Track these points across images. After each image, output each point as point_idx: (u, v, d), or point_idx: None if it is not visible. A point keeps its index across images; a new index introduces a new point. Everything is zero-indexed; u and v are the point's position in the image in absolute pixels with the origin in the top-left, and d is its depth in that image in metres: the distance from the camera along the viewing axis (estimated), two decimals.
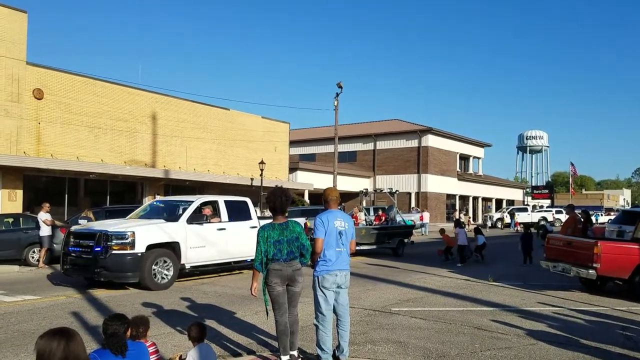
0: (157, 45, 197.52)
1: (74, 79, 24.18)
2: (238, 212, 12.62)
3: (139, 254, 10.25)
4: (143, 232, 10.47)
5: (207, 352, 4.52)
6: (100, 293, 10.20)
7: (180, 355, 4.65)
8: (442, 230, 17.94)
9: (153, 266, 10.42)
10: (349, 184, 42.63)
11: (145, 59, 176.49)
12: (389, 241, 18.58)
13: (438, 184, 47.13)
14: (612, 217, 26.73)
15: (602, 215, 51.40)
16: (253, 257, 11.84)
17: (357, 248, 14.07)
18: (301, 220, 17.78)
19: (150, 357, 4.01)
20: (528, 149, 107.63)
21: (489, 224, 43.11)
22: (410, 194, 46.52)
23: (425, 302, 9.54)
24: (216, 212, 12.21)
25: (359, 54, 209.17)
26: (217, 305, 9.00)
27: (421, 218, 33.24)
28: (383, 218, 21.60)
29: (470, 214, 50.81)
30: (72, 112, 23.89)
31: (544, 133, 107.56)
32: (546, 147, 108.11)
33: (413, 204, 44.60)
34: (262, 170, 30.04)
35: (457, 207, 49.39)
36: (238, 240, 12.21)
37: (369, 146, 49.15)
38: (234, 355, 6.02)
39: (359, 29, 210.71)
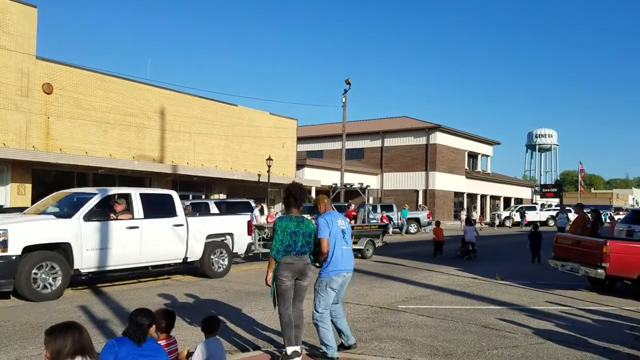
0: (166, 42, 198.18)
1: (83, 74, 24.31)
2: (159, 208, 10.93)
3: (14, 257, 8.53)
4: (19, 231, 8.70)
5: (215, 346, 4.49)
6: (107, 287, 10.27)
7: (188, 350, 4.67)
8: (437, 222, 18.63)
9: (34, 272, 8.72)
10: (356, 181, 42.42)
11: (155, 55, 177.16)
12: (355, 242, 16.02)
13: (446, 182, 46.95)
14: (621, 217, 26.54)
15: (610, 214, 51.02)
16: (178, 260, 11.46)
17: None
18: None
19: (170, 353, 4.05)
20: (537, 147, 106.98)
21: (497, 222, 42.99)
22: (417, 191, 46.41)
23: (432, 300, 9.52)
24: (129, 208, 10.46)
25: (368, 52, 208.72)
26: (225, 301, 9.03)
27: (429, 216, 33.13)
28: (352, 215, 19.98)
29: (479, 212, 50.64)
30: (81, 107, 24.01)
31: (553, 131, 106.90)
32: (555, 146, 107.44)
33: (420, 202, 44.51)
34: (269, 166, 30.05)
35: (465, 206, 49.23)
36: (157, 240, 10.55)
37: (377, 143, 49.02)
38: (242, 350, 6.03)
39: (368, 27, 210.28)
